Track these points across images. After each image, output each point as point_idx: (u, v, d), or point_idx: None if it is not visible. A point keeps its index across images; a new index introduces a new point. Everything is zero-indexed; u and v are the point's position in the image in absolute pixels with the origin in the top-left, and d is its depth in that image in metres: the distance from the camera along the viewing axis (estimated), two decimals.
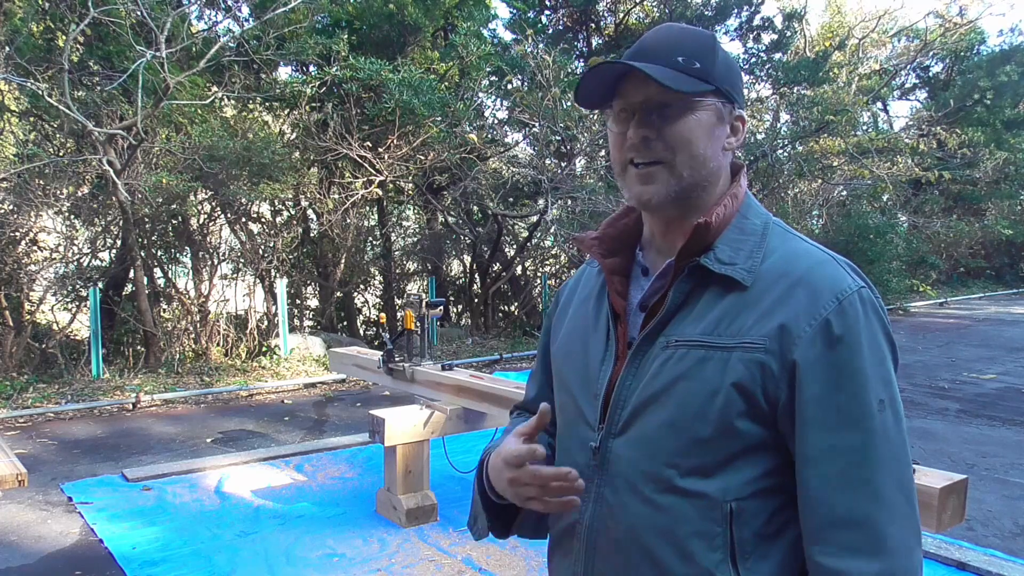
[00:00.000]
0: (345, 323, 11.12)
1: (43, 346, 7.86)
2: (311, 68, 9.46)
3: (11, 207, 7.57)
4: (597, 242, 1.15)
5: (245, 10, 9.48)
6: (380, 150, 9.27)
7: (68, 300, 8.58)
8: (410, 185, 10.88)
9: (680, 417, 0.99)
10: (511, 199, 11.18)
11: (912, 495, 0.98)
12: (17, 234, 7.71)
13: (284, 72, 10.15)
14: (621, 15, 13.26)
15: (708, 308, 1.01)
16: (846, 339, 0.96)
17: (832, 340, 0.96)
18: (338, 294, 10.65)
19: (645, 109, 1.04)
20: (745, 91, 1.18)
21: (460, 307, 12.34)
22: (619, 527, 1.02)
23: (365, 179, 9.33)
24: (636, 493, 1.01)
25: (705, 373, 0.98)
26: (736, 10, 12.90)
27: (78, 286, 8.37)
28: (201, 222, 9.21)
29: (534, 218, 11.03)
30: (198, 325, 8.58)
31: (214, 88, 8.62)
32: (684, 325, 1.02)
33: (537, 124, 9.88)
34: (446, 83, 9.94)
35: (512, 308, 12.06)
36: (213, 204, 9.13)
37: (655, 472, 1.00)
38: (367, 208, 10.71)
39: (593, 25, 13.28)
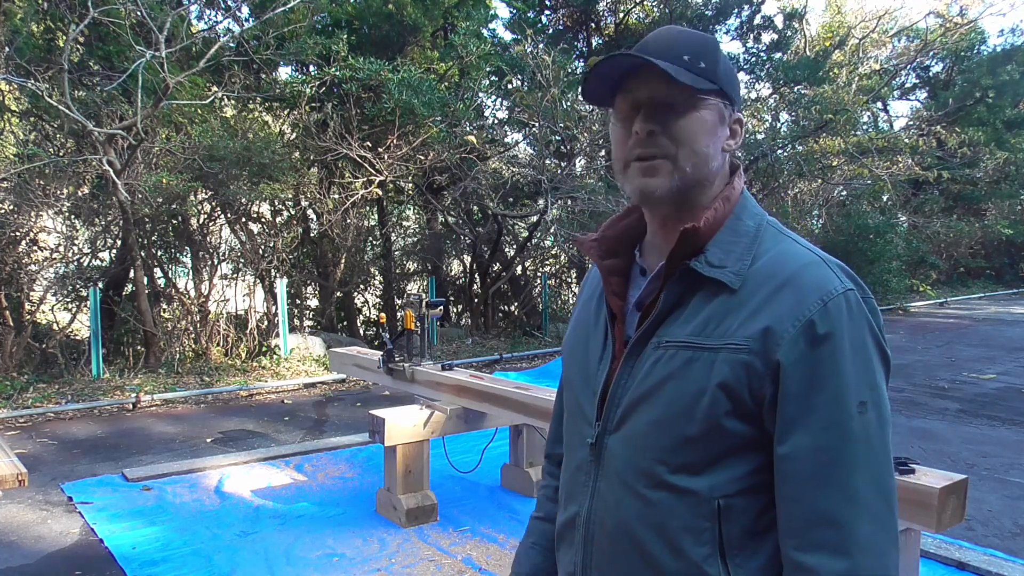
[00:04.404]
0: (345, 323, 11.12)
1: (43, 346, 7.86)
2: (311, 68, 9.46)
3: (11, 207, 7.57)
4: (596, 244, 1.18)
5: (245, 10, 9.49)
6: (380, 150, 9.27)
7: (68, 300, 8.59)
8: (410, 185, 10.88)
9: (668, 416, 1.02)
10: (511, 199, 11.18)
11: (891, 499, 0.97)
12: (17, 234, 7.70)
13: (284, 72, 10.14)
14: (621, 15, 13.26)
15: (698, 310, 1.03)
16: (829, 340, 0.96)
17: (815, 340, 0.96)
18: (338, 294, 10.65)
19: (650, 104, 1.05)
20: (745, 91, 1.19)
21: (460, 307, 12.33)
22: (612, 520, 1.06)
23: (365, 179, 9.33)
24: (628, 488, 1.04)
25: (692, 373, 1.00)
26: (736, 9, 12.90)
27: (78, 286, 8.37)
28: (201, 222, 9.21)
29: (534, 218, 11.02)
30: (198, 325, 8.58)
31: (214, 88, 8.62)
32: (675, 326, 1.04)
33: (537, 124, 9.88)
34: (446, 83, 9.93)
35: (512, 308, 12.06)
36: (213, 204, 9.13)
37: (646, 468, 1.03)
38: (367, 208, 10.70)
39: (593, 25, 13.28)
